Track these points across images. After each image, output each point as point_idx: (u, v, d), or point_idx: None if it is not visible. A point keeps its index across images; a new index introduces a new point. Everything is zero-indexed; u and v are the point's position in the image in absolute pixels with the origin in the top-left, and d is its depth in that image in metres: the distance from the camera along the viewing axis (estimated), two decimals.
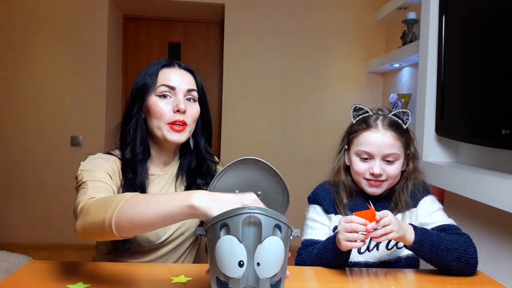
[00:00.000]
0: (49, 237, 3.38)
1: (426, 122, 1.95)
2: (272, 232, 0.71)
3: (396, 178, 1.17)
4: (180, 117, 1.12)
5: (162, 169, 1.20)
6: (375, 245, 1.16)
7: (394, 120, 1.18)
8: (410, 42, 2.64)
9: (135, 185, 1.11)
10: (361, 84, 3.46)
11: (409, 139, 1.20)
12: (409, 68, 2.91)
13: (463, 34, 1.71)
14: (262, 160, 0.79)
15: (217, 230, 0.72)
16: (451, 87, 1.80)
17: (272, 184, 0.81)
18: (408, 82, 2.91)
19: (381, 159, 1.14)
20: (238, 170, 0.80)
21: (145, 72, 1.16)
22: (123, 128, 1.16)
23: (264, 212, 0.71)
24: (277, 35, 3.41)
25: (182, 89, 1.14)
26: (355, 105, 1.21)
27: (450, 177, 1.71)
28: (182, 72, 1.17)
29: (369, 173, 1.15)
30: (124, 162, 1.13)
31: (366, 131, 1.16)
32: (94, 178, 1.01)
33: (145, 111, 1.15)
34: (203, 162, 1.23)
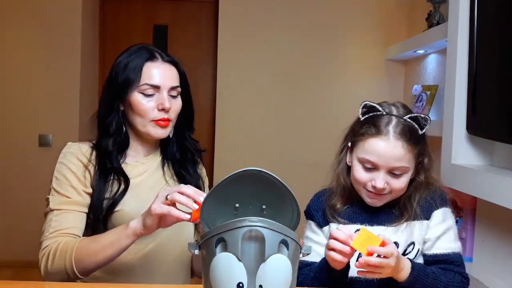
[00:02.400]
0: (14, 253, 3.37)
1: (456, 118, 1.95)
2: (278, 249, 0.71)
3: (401, 192, 1.19)
4: (164, 115, 1.26)
5: (145, 157, 1.35)
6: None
7: (408, 126, 1.16)
8: (437, 24, 2.63)
9: (115, 172, 1.27)
10: (379, 74, 3.46)
11: (424, 147, 1.20)
12: (435, 55, 2.91)
13: (500, 14, 1.71)
14: (265, 171, 0.79)
15: (212, 246, 0.72)
16: (485, 78, 1.80)
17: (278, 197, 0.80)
18: (435, 72, 2.91)
19: (386, 171, 1.15)
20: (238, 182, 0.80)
21: (125, 63, 1.26)
22: (103, 119, 1.29)
23: (268, 226, 0.71)
24: (281, 17, 3.40)
25: (166, 87, 1.27)
26: (365, 102, 1.20)
27: (483, 182, 1.70)
28: (166, 66, 1.29)
29: (371, 185, 1.16)
30: (104, 153, 1.27)
31: (374, 137, 1.15)
32: (59, 206, 1.22)
33: (127, 105, 1.28)
34: (187, 152, 1.38)
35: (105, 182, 1.25)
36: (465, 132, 1.94)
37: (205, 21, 3.76)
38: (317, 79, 3.45)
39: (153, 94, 1.26)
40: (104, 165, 1.26)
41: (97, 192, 1.24)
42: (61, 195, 1.23)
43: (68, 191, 1.23)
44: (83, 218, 1.24)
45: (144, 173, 1.32)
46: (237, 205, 0.82)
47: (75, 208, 1.22)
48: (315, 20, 3.42)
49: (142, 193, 1.28)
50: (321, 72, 3.44)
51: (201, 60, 3.76)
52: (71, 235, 1.19)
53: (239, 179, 0.79)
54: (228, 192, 0.81)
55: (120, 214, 1.24)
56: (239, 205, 0.82)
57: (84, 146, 1.29)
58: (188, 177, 1.36)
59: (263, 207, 0.82)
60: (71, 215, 1.21)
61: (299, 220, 0.81)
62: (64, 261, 1.14)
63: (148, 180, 1.32)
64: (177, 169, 1.37)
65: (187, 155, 1.38)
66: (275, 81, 3.44)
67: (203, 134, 3.68)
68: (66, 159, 1.26)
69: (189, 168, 1.38)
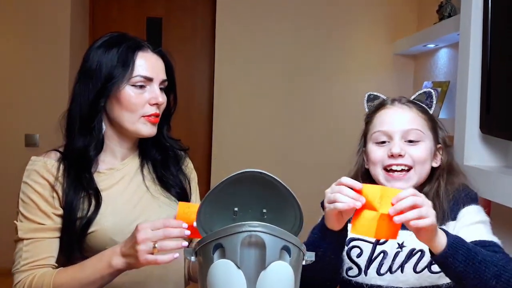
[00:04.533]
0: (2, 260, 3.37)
1: (469, 116, 1.95)
2: (279, 255, 0.71)
3: (424, 165, 1.15)
4: (156, 110, 1.23)
5: (121, 162, 1.29)
6: (399, 266, 1.14)
7: (415, 102, 1.22)
8: (448, 17, 2.64)
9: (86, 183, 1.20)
10: (387, 69, 3.46)
11: (438, 126, 1.22)
12: (447, 49, 2.91)
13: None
14: (266, 173, 0.78)
15: (209, 253, 0.72)
16: (500, 73, 1.80)
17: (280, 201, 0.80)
18: (446, 67, 2.91)
19: (401, 138, 1.14)
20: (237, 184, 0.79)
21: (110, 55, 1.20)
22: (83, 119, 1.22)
23: (269, 231, 0.71)
24: (283, 9, 3.41)
25: (158, 79, 1.23)
26: (369, 93, 1.24)
27: (498, 185, 1.70)
28: (156, 57, 1.26)
29: (387, 158, 1.13)
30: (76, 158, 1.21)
31: (381, 110, 1.20)
32: (29, 234, 1.18)
33: (111, 101, 1.21)
34: (167, 151, 1.33)
35: (76, 200, 1.19)
36: (479, 131, 1.94)
37: (202, 13, 3.77)
38: (320, 75, 3.45)
39: (145, 86, 1.21)
40: (73, 178, 1.20)
41: (67, 213, 1.18)
42: (30, 222, 1.18)
43: (37, 216, 1.18)
44: (56, 244, 1.19)
45: (121, 181, 1.26)
46: (236, 209, 0.82)
47: (46, 235, 1.18)
48: (319, 11, 3.42)
49: (119, 205, 1.22)
50: (325, 67, 3.44)
51: (197, 55, 3.76)
52: (45, 266, 1.16)
53: (238, 181, 0.79)
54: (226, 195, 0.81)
55: (96, 234, 1.18)
56: (238, 209, 0.82)
57: (50, 160, 1.23)
58: (171, 179, 1.32)
59: (263, 211, 0.82)
60: (43, 244, 1.17)
61: (302, 225, 0.81)
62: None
63: (126, 188, 1.26)
64: (158, 171, 1.31)
65: (168, 153, 1.33)
66: (276, 77, 3.44)
67: (199, 133, 3.69)
68: (30, 179, 1.21)
69: (171, 169, 1.33)
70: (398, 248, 1.15)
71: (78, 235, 1.18)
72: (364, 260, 1.16)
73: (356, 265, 1.16)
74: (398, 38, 3.40)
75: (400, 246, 1.15)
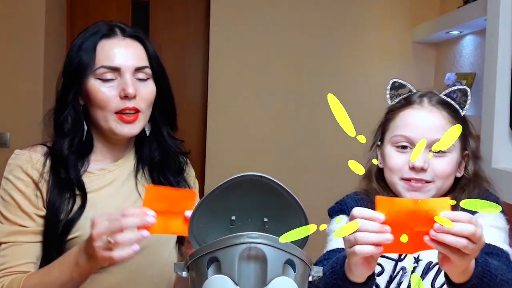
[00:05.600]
0: None
1: (497, 113, 1.96)
2: (282, 270, 0.72)
3: (446, 180, 1.15)
4: (129, 104, 1.20)
5: (113, 163, 1.30)
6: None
7: (447, 100, 1.18)
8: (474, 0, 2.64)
9: (70, 184, 1.21)
10: (406, 59, 3.46)
11: (468, 131, 1.21)
12: (473, 36, 2.91)
13: None
14: (267, 176, 0.79)
15: (203, 267, 0.73)
16: None
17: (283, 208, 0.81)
18: (472, 57, 2.91)
19: (426, 147, 1.11)
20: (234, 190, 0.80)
21: (79, 44, 1.23)
22: (57, 116, 1.25)
23: (271, 242, 0.71)
24: None
25: (128, 68, 1.21)
26: (394, 80, 1.23)
27: None
28: (128, 42, 1.24)
29: (408, 168, 1.13)
30: (58, 158, 1.22)
31: (406, 108, 1.17)
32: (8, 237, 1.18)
33: (84, 96, 1.24)
34: (169, 153, 1.33)
35: (60, 200, 1.20)
36: (508, 129, 1.94)
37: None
38: (329, 66, 3.44)
39: (114, 79, 1.21)
40: (59, 177, 1.21)
41: (50, 213, 1.20)
42: (10, 223, 1.19)
43: (18, 217, 1.19)
44: (37, 249, 1.20)
45: (112, 184, 1.27)
46: (233, 218, 0.83)
47: (27, 239, 1.19)
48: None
49: (107, 210, 1.20)
50: (334, 57, 3.44)
51: (190, 44, 3.76)
52: (22, 273, 1.16)
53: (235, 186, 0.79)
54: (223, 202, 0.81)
55: (80, 240, 1.16)
56: (235, 217, 0.83)
57: (36, 154, 1.24)
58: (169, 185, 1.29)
59: (264, 220, 0.83)
60: (22, 248, 1.18)
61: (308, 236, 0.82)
62: None
63: (117, 193, 1.26)
64: (154, 175, 1.31)
65: (167, 159, 1.33)
66: (280, 69, 3.44)
67: (192, 133, 3.69)
68: (12, 175, 1.21)
69: (169, 176, 1.32)
70: (414, 263, 1.15)
71: (59, 239, 1.19)
72: (384, 280, 1.15)
73: (376, 285, 1.15)
74: (417, 24, 3.40)
75: (416, 261, 1.15)
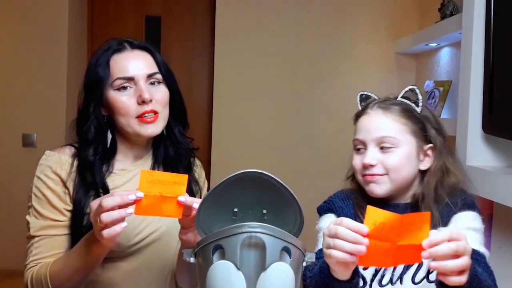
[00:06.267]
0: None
1: (471, 116, 1.95)
2: (279, 256, 0.71)
3: (399, 172, 1.13)
4: (147, 107, 1.20)
5: (133, 163, 1.30)
6: (398, 277, 1.12)
7: (399, 101, 1.17)
8: (450, 15, 2.64)
9: (95, 187, 1.21)
10: (389, 68, 3.46)
11: (430, 125, 1.18)
12: (449, 48, 2.91)
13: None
14: (266, 173, 0.79)
15: (209, 254, 0.73)
16: (503, 73, 1.80)
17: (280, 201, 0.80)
18: (448, 66, 2.91)
19: (376, 146, 1.13)
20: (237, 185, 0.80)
21: (95, 62, 1.24)
22: (81, 126, 1.25)
23: (269, 231, 0.71)
24: (283, 7, 3.40)
25: (141, 76, 1.22)
26: (361, 93, 1.23)
27: (501, 185, 1.70)
28: (136, 53, 1.25)
29: (362, 166, 1.14)
30: (84, 164, 1.22)
31: (362, 115, 1.19)
32: (41, 231, 1.19)
33: (106, 107, 1.24)
34: (180, 150, 1.33)
35: (86, 197, 1.20)
36: (481, 131, 1.94)
37: (201, 10, 3.76)
38: (321, 74, 3.44)
39: (130, 87, 1.21)
40: (84, 179, 1.22)
41: (76, 208, 1.20)
42: (43, 218, 1.20)
43: (50, 212, 1.20)
44: (66, 241, 1.21)
45: (130, 181, 1.27)
46: (236, 210, 0.82)
47: (57, 232, 1.20)
48: (320, 9, 3.41)
49: None
50: (325, 66, 3.44)
51: (197, 53, 3.76)
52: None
53: (238, 182, 0.79)
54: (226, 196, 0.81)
55: None
56: (237, 209, 0.82)
57: (64, 156, 1.24)
58: None
59: (263, 212, 0.82)
60: (54, 240, 1.19)
61: (303, 226, 0.81)
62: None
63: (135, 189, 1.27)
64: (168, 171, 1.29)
65: (179, 155, 1.33)
66: (277, 76, 3.43)
67: (198, 133, 3.68)
68: (43, 174, 1.22)
69: (180, 171, 1.31)
70: None
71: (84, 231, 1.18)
72: (370, 273, 1.14)
73: (362, 278, 1.13)
74: (399, 37, 3.40)
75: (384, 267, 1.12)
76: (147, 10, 3.74)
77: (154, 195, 0.98)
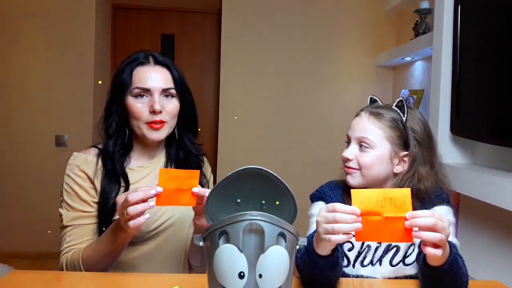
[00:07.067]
0: (31, 245, 3.37)
1: (441, 120, 1.95)
2: (276, 241, 0.71)
3: (369, 170, 1.12)
4: (157, 117, 1.21)
5: (149, 161, 1.30)
6: (378, 259, 1.12)
7: (390, 111, 1.14)
8: (423, 33, 2.64)
9: (116, 175, 1.22)
10: (370, 79, 3.46)
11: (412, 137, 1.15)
12: (422, 62, 2.91)
13: (481, 24, 1.71)
14: (265, 169, 0.78)
15: (215, 238, 0.72)
16: (468, 83, 1.80)
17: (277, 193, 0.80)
18: (421, 77, 2.91)
19: (357, 143, 1.14)
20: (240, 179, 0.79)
21: (122, 69, 1.24)
22: (105, 122, 1.27)
23: (267, 219, 0.71)
24: (279, 27, 3.40)
25: (157, 89, 1.21)
26: (371, 96, 1.21)
27: (466, 179, 1.70)
28: (157, 69, 1.24)
29: (343, 159, 1.15)
30: (106, 154, 1.24)
31: (356, 116, 1.19)
32: (73, 221, 1.20)
33: (125, 109, 1.25)
34: (190, 154, 1.33)
35: (110, 188, 1.21)
36: (449, 133, 1.94)
37: (209, 30, 3.77)
38: (312, 84, 3.44)
39: (145, 97, 1.21)
40: (108, 169, 1.22)
41: (102, 198, 1.20)
42: (73, 210, 1.20)
43: (79, 204, 1.20)
44: (94, 229, 1.21)
45: (147, 176, 1.27)
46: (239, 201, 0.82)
47: (86, 222, 1.20)
48: (311, 29, 3.41)
49: None
50: (316, 77, 3.44)
51: (205, 66, 3.76)
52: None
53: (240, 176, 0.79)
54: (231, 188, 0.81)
55: None
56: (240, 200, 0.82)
57: (90, 156, 1.25)
58: None
59: (262, 202, 0.82)
60: (83, 229, 1.20)
61: (296, 214, 0.81)
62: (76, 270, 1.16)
63: (152, 183, 1.26)
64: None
65: (188, 158, 1.33)
66: (274, 86, 3.43)
67: (207, 135, 3.68)
68: (72, 172, 1.22)
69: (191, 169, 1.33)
70: (377, 243, 1.13)
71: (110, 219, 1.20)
72: (354, 254, 1.13)
73: (347, 257, 1.14)
74: (379, 52, 3.40)
75: (379, 242, 1.12)
76: (163, 29, 3.74)
77: (171, 188, 0.99)
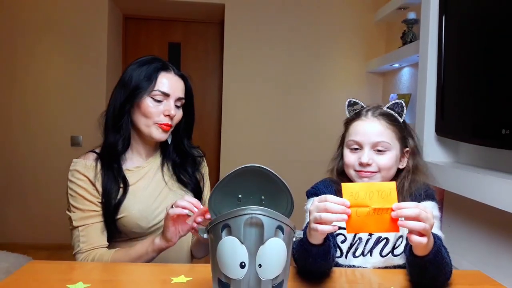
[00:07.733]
0: (49, 237, 3.37)
1: (426, 122, 1.95)
2: (274, 233, 0.71)
3: (389, 171, 1.10)
4: (168, 121, 1.22)
5: (146, 160, 1.29)
6: (369, 250, 1.11)
7: (387, 111, 1.13)
8: (410, 42, 2.63)
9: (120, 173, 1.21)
10: (361, 84, 3.46)
11: (407, 133, 1.15)
12: (409, 68, 2.91)
13: (463, 34, 1.71)
14: (265, 167, 0.78)
15: (218, 231, 0.72)
16: (451, 87, 1.80)
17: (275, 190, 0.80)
18: (408, 82, 2.91)
19: (371, 148, 1.10)
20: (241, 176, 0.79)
21: (140, 71, 1.21)
22: (114, 119, 1.22)
23: (266, 213, 0.71)
24: (277, 36, 3.40)
25: (174, 96, 1.22)
26: (350, 99, 1.18)
27: (450, 177, 1.70)
28: (177, 78, 1.25)
29: (358, 164, 1.10)
30: (111, 153, 1.21)
31: (356, 120, 1.13)
32: (82, 221, 1.18)
33: (134, 107, 1.22)
34: (187, 157, 1.32)
35: (111, 188, 1.19)
36: (434, 134, 1.94)
37: (213, 39, 3.76)
38: (308, 89, 3.44)
39: (162, 100, 1.21)
40: (109, 170, 1.20)
41: (105, 197, 1.19)
42: (81, 211, 1.19)
43: (85, 205, 1.19)
44: (103, 226, 1.20)
45: (145, 176, 1.26)
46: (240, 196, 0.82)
47: (94, 220, 1.19)
48: (307, 39, 3.41)
49: (143, 197, 1.23)
50: (311, 82, 3.44)
51: (209, 73, 3.76)
52: (101, 246, 1.18)
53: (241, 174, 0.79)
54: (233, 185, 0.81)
55: (126, 219, 1.20)
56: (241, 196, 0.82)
57: (89, 161, 1.23)
58: (188, 177, 1.31)
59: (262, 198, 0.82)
60: (93, 227, 1.18)
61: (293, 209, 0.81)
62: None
63: (149, 183, 1.25)
64: (176, 170, 1.31)
65: (187, 159, 1.32)
66: (272, 91, 3.43)
67: (210, 135, 3.68)
68: (74, 177, 1.21)
69: (188, 170, 1.32)
70: (368, 236, 1.12)
71: (112, 217, 1.19)
72: (346, 246, 1.13)
73: (340, 249, 1.13)
74: (370, 59, 3.40)
75: (370, 234, 1.12)
76: (170, 37, 3.74)
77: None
